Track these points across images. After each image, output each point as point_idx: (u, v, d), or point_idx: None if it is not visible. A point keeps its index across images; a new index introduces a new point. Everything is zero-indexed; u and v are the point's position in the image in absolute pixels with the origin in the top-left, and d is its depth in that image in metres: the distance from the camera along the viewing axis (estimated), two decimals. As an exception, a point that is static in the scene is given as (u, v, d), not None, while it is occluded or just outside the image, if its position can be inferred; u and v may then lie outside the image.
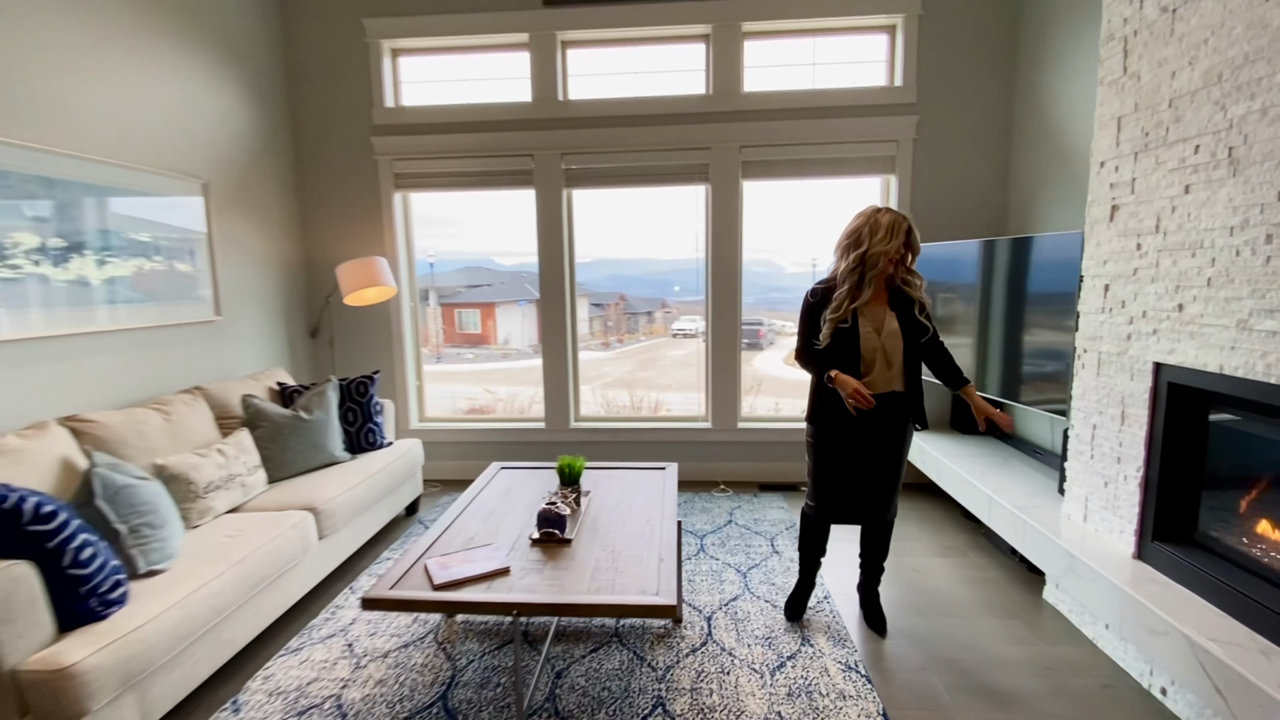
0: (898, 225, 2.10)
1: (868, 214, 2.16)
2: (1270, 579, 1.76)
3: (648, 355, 4.34)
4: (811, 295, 2.26)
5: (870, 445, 2.23)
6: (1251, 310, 1.71)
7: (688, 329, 4.27)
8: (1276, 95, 1.62)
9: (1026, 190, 3.50)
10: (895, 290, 2.24)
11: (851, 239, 2.16)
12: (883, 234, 2.09)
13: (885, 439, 2.24)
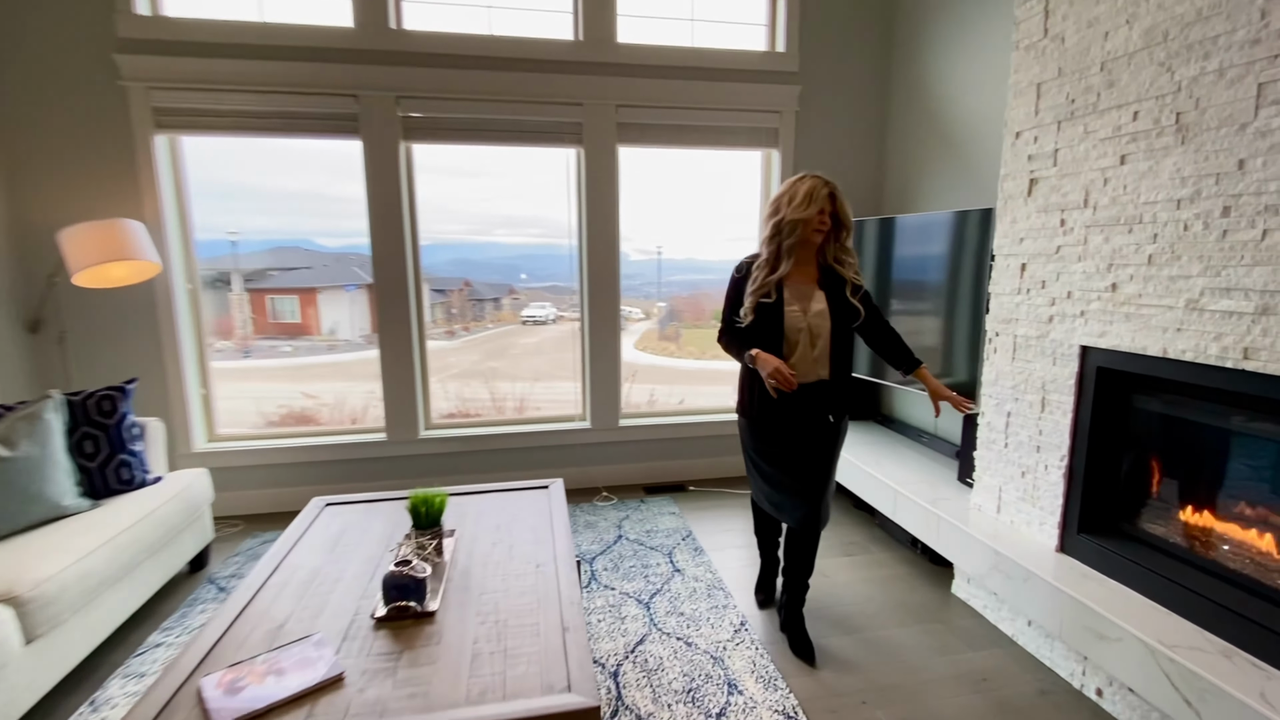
0: (816, 191, 1.91)
1: (790, 181, 1.99)
2: (1210, 570, 1.69)
3: (497, 344, 3.77)
4: (737, 270, 2.08)
5: (797, 440, 2.02)
6: (1204, 289, 1.59)
7: (539, 315, 3.77)
8: (1236, 54, 1.49)
9: (904, 169, 3.44)
10: (827, 269, 2.04)
11: (772, 207, 1.99)
12: (800, 200, 1.91)
13: (813, 434, 2.02)
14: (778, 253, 1.96)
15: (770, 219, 1.97)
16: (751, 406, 2.05)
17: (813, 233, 1.93)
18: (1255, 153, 1.46)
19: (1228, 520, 1.70)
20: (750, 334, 1.99)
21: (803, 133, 3.55)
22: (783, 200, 1.95)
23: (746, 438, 2.14)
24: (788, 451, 2.03)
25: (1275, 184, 1.42)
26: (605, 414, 3.58)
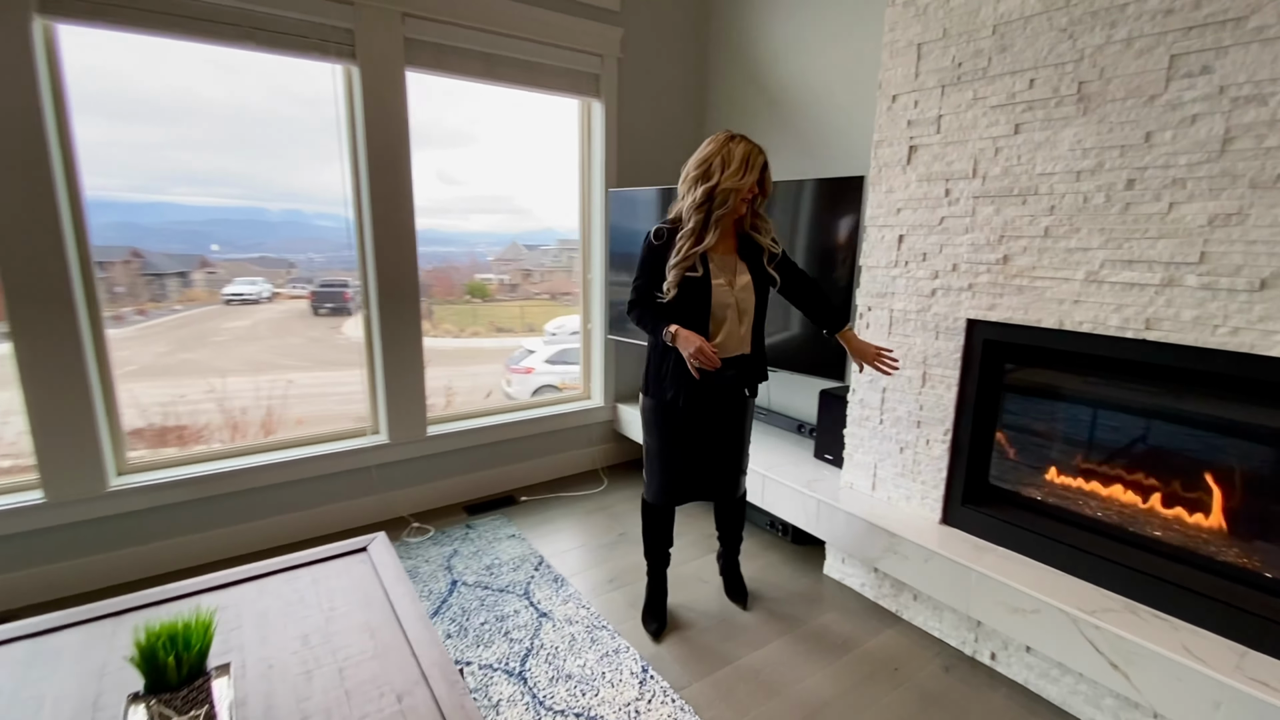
0: (754, 158, 1.75)
1: (720, 140, 1.77)
2: (1097, 529, 1.80)
3: (193, 330, 2.70)
4: (655, 237, 1.83)
5: (717, 416, 1.94)
6: (1104, 261, 1.62)
7: (247, 293, 2.84)
8: (1144, 23, 1.49)
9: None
10: (744, 237, 1.84)
11: (701, 169, 1.77)
12: (736, 166, 1.73)
13: (732, 407, 1.97)
14: (705, 222, 1.76)
15: (701, 183, 1.75)
16: (666, 387, 1.87)
17: (741, 202, 1.77)
18: (1164, 125, 1.49)
19: (1110, 481, 1.82)
20: (671, 308, 1.81)
21: (628, 84, 3.13)
22: (714, 164, 1.74)
23: (658, 421, 1.94)
24: (710, 427, 1.94)
25: (1185, 158, 1.46)
26: (407, 422, 2.78)
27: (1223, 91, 1.39)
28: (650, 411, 1.95)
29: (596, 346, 3.38)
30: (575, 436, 3.35)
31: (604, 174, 3.14)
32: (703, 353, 1.69)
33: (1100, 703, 1.69)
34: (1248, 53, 1.35)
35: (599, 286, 3.29)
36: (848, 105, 2.63)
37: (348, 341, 2.83)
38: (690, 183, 1.78)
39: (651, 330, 1.84)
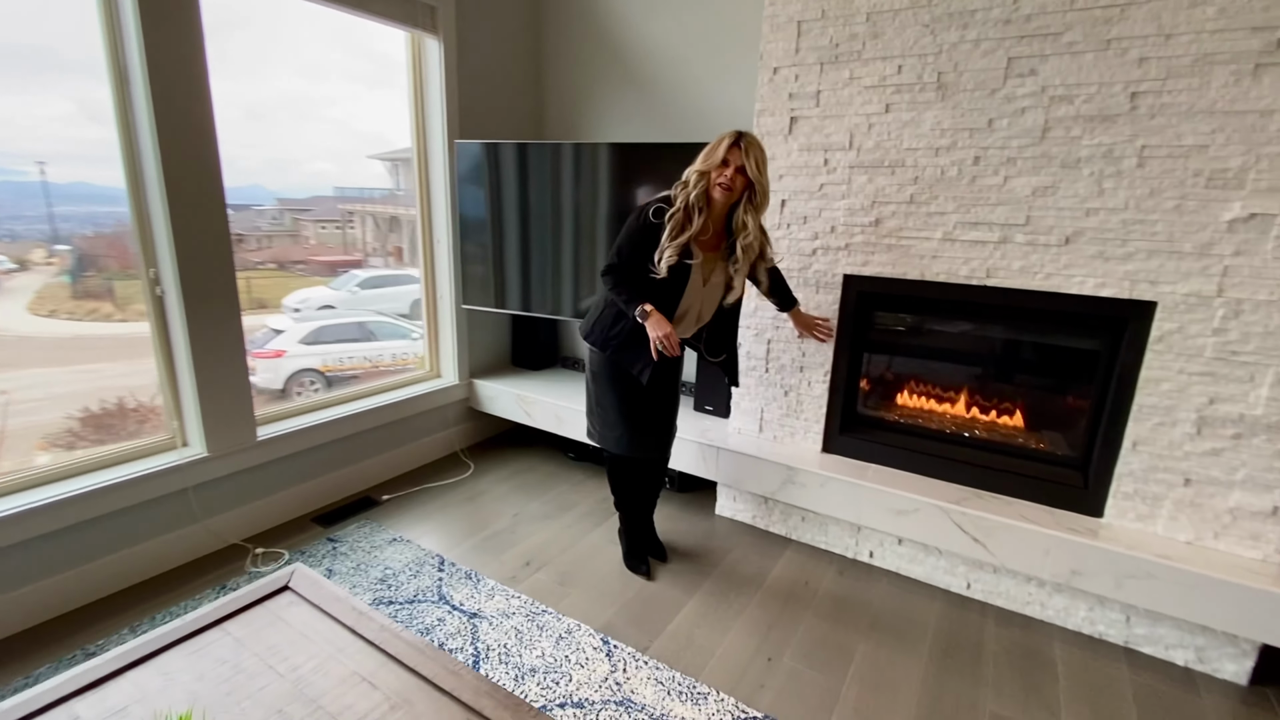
0: (720, 141, 1.75)
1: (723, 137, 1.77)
2: (944, 439, 2.26)
3: None
4: (655, 215, 1.80)
5: (663, 382, 2.06)
6: (956, 223, 2.00)
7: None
8: (988, 28, 1.84)
9: (568, 92, 3.15)
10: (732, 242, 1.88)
11: (698, 165, 1.79)
12: (707, 150, 1.77)
13: (673, 376, 2.12)
14: (686, 208, 1.77)
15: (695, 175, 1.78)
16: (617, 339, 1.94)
17: (716, 188, 1.75)
18: (1002, 114, 1.87)
19: (950, 400, 2.29)
20: (651, 285, 1.82)
21: (466, 24, 2.80)
22: (704, 152, 1.78)
23: (616, 378, 2.00)
24: (657, 390, 2.05)
25: (1016, 141, 1.87)
26: (231, 429, 2.21)
27: (1044, 90, 1.81)
28: (609, 367, 2.00)
29: (446, 319, 3.06)
30: (429, 421, 3.02)
31: (445, 123, 2.80)
32: (668, 340, 1.74)
33: (955, 571, 2.17)
34: (1062, 61, 1.77)
35: (446, 251, 2.96)
36: (707, 73, 2.75)
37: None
38: (687, 176, 1.80)
39: (626, 301, 1.83)
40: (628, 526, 2.27)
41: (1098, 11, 1.70)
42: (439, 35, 2.69)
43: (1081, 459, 2.02)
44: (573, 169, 2.81)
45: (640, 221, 1.82)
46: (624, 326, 1.89)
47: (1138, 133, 1.71)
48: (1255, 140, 1.59)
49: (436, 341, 3.11)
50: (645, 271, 1.82)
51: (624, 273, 1.85)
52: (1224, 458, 1.75)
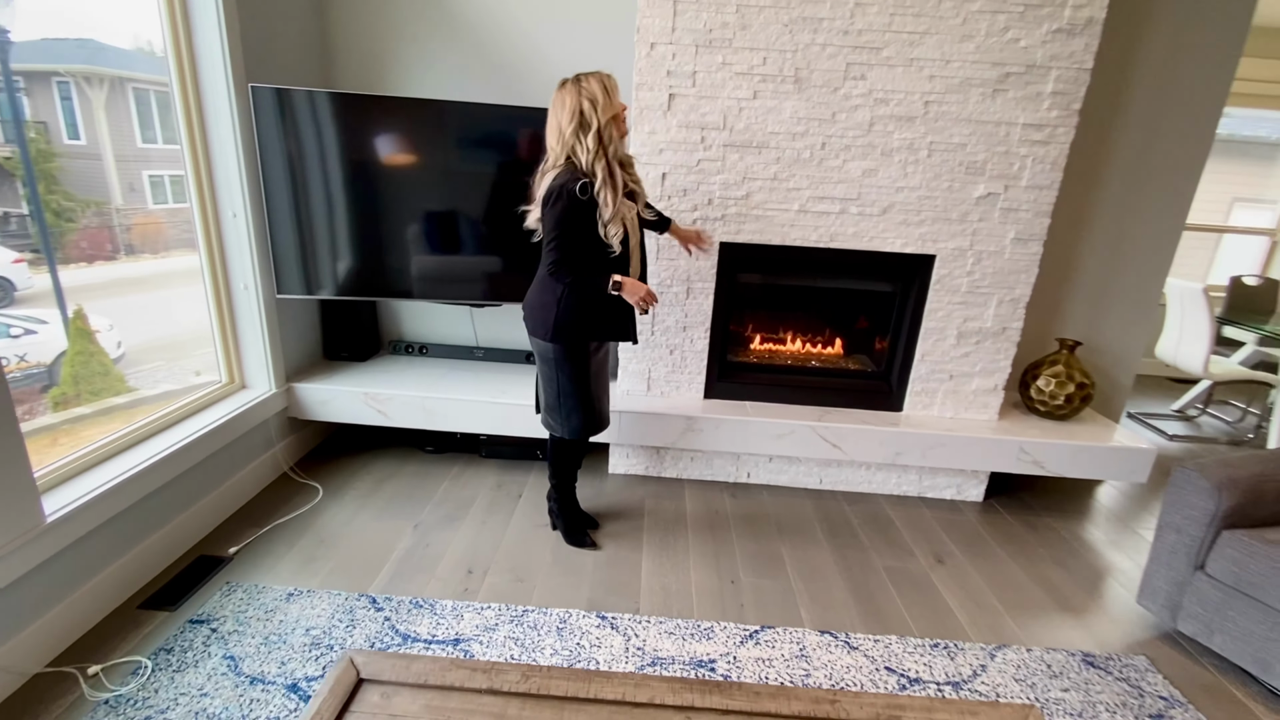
0: (608, 82, 1.79)
1: (570, 88, 1.77)
2: (793, 371, 2.79)
3: None
4: (581, 191, 1.77)
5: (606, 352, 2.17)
6: (809, 197, 2.44)
7: None
8: (832, 36, 2.25)
9: (368, 37, 2.67)
10: None
11: (576, 121, 1.77)
12: (602, 98, 1.77)
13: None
14: (609, 166, 1.79)
15: (584, 133, 1.76)
16: (586, 325, 1.96)
17: (622, 136, 1.85)
18: (841, 110, 2.33)
19: (797, 341, 2.81)
20: (604, 257, 1.86)
21: (237, -78, 2.12)
22: (583, 109, 1.75)
23: (582, 360, 2.01)
24: (602, 353, 2.11)
25: (851, 132, 2.35)
26: (4, 511, 1.48)
27: (870, 93, 2.31)
28: (574, 355, 1.99)
29: (250, 316, 2.42)
30: (247, 444, 2.41)
31: (228, 61, 2.13)
32: (650, 296, 1.88)
33: (811, 473, 2.76)
34: (882, 71, 2.28)
35: (245, 228, 2.32)
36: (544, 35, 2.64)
37: None
38: (573, 138, 1.77)
39: (592, 287, 1.81)
40: (569, 505, 2.28)
41: (905, 35, 2.24)
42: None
43: (886, 372, 2.75)
44: (408, 129, 2.46)
45: (569, 203, 1.77)
46: (597, 307, 1.93)
47: (928, 131, 2.34)
48: (992, 142, 2.34)
49: (237, 345, 2.45)
50: (592, 248, 1.83)
51: (574, 261, 1.83)
52: (970, 358, 2.62)
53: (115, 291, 2.16)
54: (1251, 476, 1.86)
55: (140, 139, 2.16)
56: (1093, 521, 2.69)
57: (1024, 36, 2.22)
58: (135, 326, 2.25)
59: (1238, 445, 3.69)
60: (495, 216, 2.58)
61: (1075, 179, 2.64)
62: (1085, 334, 2.91)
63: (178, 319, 2.42)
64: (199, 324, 2.37)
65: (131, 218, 2.18)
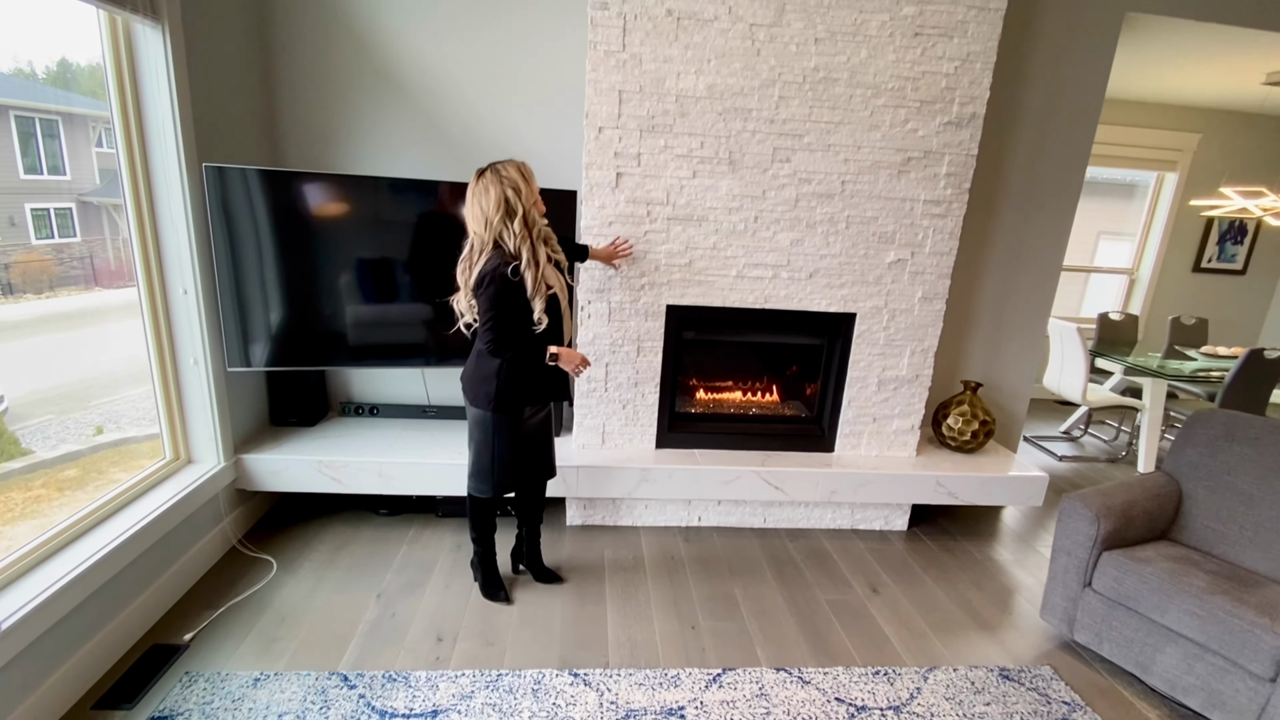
0: (526, 170, 1.95)
1: (491, 179, 1.90)
2: (735, 419, 3.00)
3: None
4: (513, 274, 1.92)
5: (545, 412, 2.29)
6: (745, 264, 2.68)
7: None
8: (761, 125, 2.52)
9: (317, 111, 2.73)
10: None
11: (502, 210, 1.90)
12: (524, 186, 1.92)
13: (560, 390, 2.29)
14: (534, 248, 1.93)
15: (510, 220, 1.90)
16: (525, 393, 2.10)
17: (540, 218, 2.00)
18: (770, 188, 2.60)
19: (738, 391, 3.03)
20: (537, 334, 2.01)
21: (195, 15, 2.16)
22: (508, 198, 1.88)
23: (513, 427, 2.13)
24: (542, 414, 2.25)
25: (780, 207, 2.62)
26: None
27: (795, 174, 2.59)
28: (503, 423, 2.11)
29: (198, 390, 2.38)
30: (196, 522, 2.35)
31: (180, 142, 2.15)
32: (584, 361, 2.11)
33: (755, 513, 2.97)
34: (804, 154, 2.57)
35: (195, 304, 2.30)
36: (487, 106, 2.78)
37: None
38: (500, 225, 1.90)
39: (527, 359, 2.05)
40: (489, 559, 2.36)
41: (822, 124, 2.55)
42: (160, 22, 2.03)
43: (818, 417, 3.02)
44: (358, 205, 2.54)
45: (501, 286, 1.90)
46: (534, 375, 2.09)
47: (845, 206, 2.65)
48: (899, 215, 2.68)
49: (184, 420, 2.40)
50: (525, 323, 1.97)
51: (510, 338, 1.98)
52: (890, 402, 2.93)
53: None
54: (1123, 504, 2.20)
55: (23, 170, 2.04)
56: (1000, 542, 3.03)
57: (921, 127, 2.58)
58: (17, 376, 2.05)
59: (1114, 462, 4.23)
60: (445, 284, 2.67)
61: (969, 243, 3.03)
62: (984, 373, 3.31)
63: (70, 366, 2.25)
64: (95, 371, 2.26)
65: (11, 255, 2.03)
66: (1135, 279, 5.60)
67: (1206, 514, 2.24)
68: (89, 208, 2.23)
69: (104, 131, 2.19)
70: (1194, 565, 2.07)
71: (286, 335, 2.59)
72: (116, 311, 2.29)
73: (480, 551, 2.35)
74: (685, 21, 2.40)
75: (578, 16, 2.62)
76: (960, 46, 2.49)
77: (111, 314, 2.32)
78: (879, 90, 2.51)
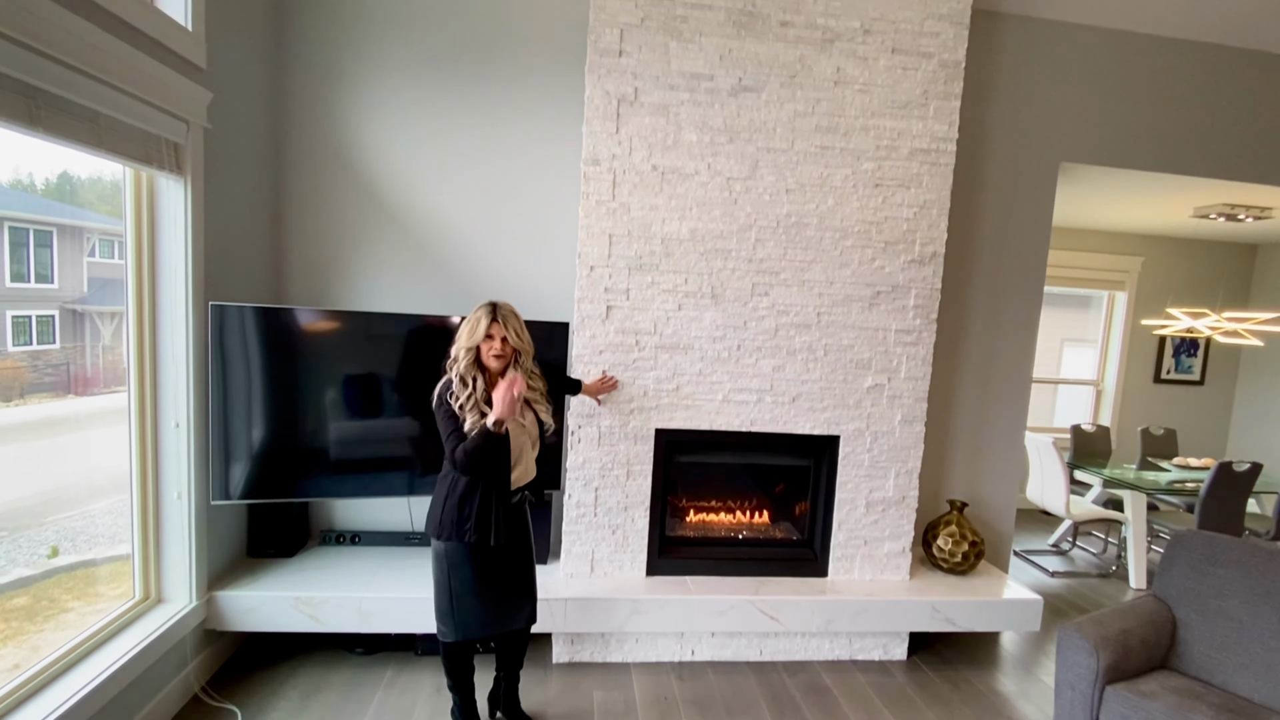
0: (477, 321, 2.01)
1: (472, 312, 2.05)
2: (728, 543, 2.97)
3: None
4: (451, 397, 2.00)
5: (516, 541, 2.13)
6: (730, 389, 2.78)
7: None
8: (740, 263, 2.72)
9: (325, 251, 2.90)
10: None
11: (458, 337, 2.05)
12: (465, 331, 2.02)
13: (522, 532, 2.18)
14: (460, 381, 2.00)
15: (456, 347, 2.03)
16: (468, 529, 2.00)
17: (491, 360, 2.02)
18: (751, 319, 2.75)
19: (729, 513, 3.02)
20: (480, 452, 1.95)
21: (216, 163, 2.35)
22: (461, 332, 2.03)
23: (465, 559, 2.03)
24: (509, 554, 2.11)
25: (761, 336, 2.76)
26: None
27: (774, 306, 2.76)
28: (454, 553, 2.03)
29: (178, 525, 2.33)
30: (160, 670, 2.21)
31: (190, 282, 2.25)
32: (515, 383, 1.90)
33: (751, 645, 2.86)
34: (781, 289, 2.76)
35: (186, 438, 2.30)
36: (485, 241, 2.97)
37: None
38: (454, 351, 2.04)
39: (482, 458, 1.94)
40: (465, 710, 2.22)
41: (796, 262, 2.75)
42: (184, 176, 2.20)
43: (810, 539, 3.00)
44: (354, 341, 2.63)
45: (444, 406, 2.00)
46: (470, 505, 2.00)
47: (822, 335, 2.80)
48: (874, 343, 2.83)
49: (159, 556, 2.32)
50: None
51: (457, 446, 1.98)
52: (879, 524, 2.93)
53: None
54: (1119, 632, 2.18)
55: (9, 278, 2.04)
56: (1002, 670, 2.93)
57: (887, 265, 2.79)
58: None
59: (1105, 577, 4.19)
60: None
61: (942, 366, 3.18)
62: (969, 490, 3.35)
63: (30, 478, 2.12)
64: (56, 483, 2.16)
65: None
66: (1101, 389, 5.83)
67: (1202, 640, 2.22)
68: (72, 315, 2.26)
69: (99, 241, 2.29)
70: (1197, 699, 2.03)
71: (272, 467, 2.58)
72: (88, 419, 2.27)
73: (458, 701, 2.22)
74: (669, 175, 2.65)
75: (570, 162, 2.87)
76: (916, 195, 2.77)
77: (84, 421, 2.29)
78: (846, 233, 2.75)
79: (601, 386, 2.64)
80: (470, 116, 2.90)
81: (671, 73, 2.58)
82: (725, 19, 2.58)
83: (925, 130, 2.73)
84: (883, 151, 2.72)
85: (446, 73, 2.87)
